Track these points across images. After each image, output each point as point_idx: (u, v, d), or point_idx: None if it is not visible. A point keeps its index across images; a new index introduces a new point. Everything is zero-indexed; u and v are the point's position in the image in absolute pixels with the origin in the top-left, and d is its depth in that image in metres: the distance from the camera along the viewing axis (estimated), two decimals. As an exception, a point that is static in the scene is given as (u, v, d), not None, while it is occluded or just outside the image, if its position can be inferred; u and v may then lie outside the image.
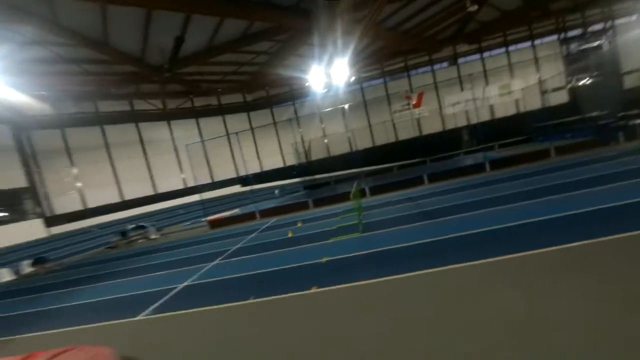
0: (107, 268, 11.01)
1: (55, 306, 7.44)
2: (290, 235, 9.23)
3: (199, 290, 6.22)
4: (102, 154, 23.86)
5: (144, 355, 3.81)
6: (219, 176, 28.40)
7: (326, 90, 21.94)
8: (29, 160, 21.02)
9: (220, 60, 20.35)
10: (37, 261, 13.54)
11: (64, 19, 13.60)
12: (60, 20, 13.62)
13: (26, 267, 13.17)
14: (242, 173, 28.76)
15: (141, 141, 25.58)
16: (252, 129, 28.64)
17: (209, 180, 27.55)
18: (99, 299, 7.25)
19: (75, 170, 22.76)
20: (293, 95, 28.88)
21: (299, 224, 10.82)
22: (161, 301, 5.87)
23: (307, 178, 17.13)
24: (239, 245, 9.59)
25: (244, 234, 11.41)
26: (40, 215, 20.67)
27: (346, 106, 25.89)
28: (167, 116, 26.25)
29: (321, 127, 29.04)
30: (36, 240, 19.28)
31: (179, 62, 18.97)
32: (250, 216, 15.42)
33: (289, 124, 27.78)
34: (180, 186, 26.78)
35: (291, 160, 29.34)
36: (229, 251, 9.06)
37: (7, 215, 19.72)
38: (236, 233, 12.24)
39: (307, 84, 21.41)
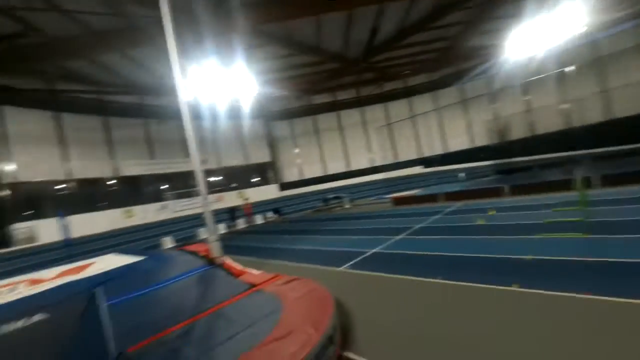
0: (316, 226, 14.45)
1: (285, 246, 10.80)
2: (480, 222, 8.80)
3: (386, 258, 7.14)
4: (313, 138, 30.05)
5: (345, 300, 4.88)
6: (402, 157, 29.43)
7: (534, 54, 17.81)
8: (271, 142, 29.70)
9: (409, 42, 20.61)
10: (276, 211, 19.55)
11: (293, 35, 17.96)
12: (291, 36, 18.08)
13: (269, 216, 19.29)
14: (425, 154, 28.52)
15: (340, 126, 30.13)
16: (437, 108, 27.60)
17: (392, 160, 29.20)
18: (311, 247, 9.86)
19: (296, 151, 30.10)
20: (487, 66, 25.19)
21: (492, 212, 10.02)
22: (356, 260, 7.31)
23: (501, 161, 15.00)
24: (422, 225, 10.10)
25: (428, 214, 11.76)
26: (276, 181, 29.07)
27: (567, 69, 20.04)
28: (360, 103, 29.51)
29: (523, 100, 23.97)
30: (274, 199, 27.33)
31: (373, 52, 20.76)
32: (433, 198, 15.50)
33: (481, 100, 24.58)
34: (367, 165, 29.93)
35: (481, 141, 26.22)
36: (413, 228, 9.72)
37: (259, 180, 29.01)
38: (419, 212, 12.76)
39: (505, 52, 18.10)
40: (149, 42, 14.51)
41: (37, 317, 4.08)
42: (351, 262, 7.10)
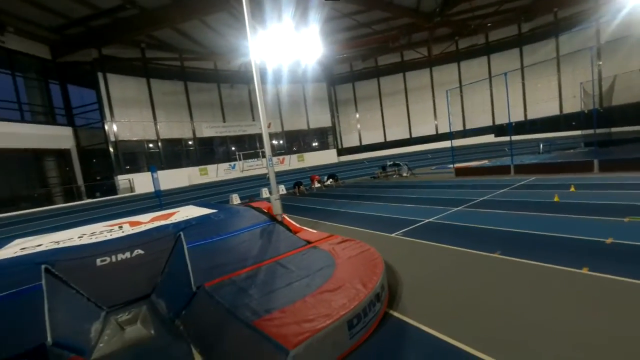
0: (371, 192, 14.45)
1: (341, 209, 11.09)
2: (556, 199, 7.88)
3: (441, 228, 6.95)
4: (375, 102, 28.91)
5: (395, 264, 5.10)
6: (473, 124, 26.75)
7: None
8: (332, 107, 29.41)
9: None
10: (331, 176, 19.94)
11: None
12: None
13: (327, 180, 19.77)
14: (499, 121, 25.47)
15: (405, 89, 28.30)
16: (522, 67, 23.88)
17: (460, 128, 26.82)
18: (365, 212, 9.98)
19: (357, 116, 29.48)
20: (595, 13, 20.35)
21: (572, 189, 8.86)
22: (409, 228, 7.24)
23: (595, 131, 12.61)
24: (486, 197, 9.43)
25: (494, 187, 10.89)
26: (336, 147, 29.23)
27: None
28: (430, 63, 27.04)
29: (641, 56, 19.18)
30: (332, 164, 27.73)
31: (451, 2, 18.46)
32: (501, 169, 14.16)
33: (579, 57, 20.33)
34: (432, 132, 28.05)
35: (572, 107, 22.21)
36: (475, 201, 9.15)
37: (318, 145, 29.49)
38: (484, 185, 11.87)
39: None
40: (224, 7, 15.13)
41: (137, 251, 5.11)
42: (404, 230, 7.09)
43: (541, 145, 20.56)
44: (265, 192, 17.90)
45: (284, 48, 14.71)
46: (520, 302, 3.49)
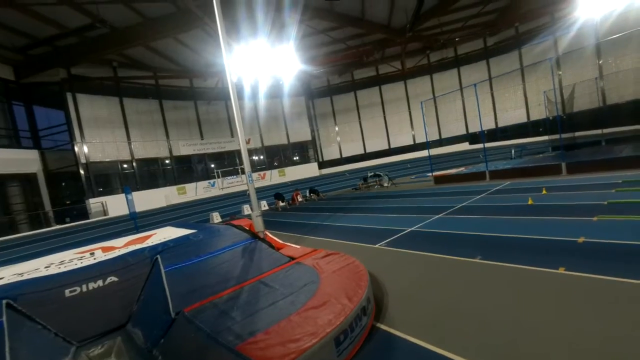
0: (353, 204, 14.52)
1: (323, 222, 11.05)
2: (530, 202, 8.22)
3: (423, 237, 7.03)
4: (353, 115, 29.48)
5: (379, 275, 5.09)
6: (447, 133, 27.80)
7: (612, 9, 15.31)
8: (312, 121, 29.67)
9: (462, 5, 18.79)
10: (312, 191, 19.92)
11: (336, 6, 17.35)
12: (334, 8, 17.50)
13: (307, 195, 19.72)
14: (473, 130, 26.59)
15: (382, 101, 29.08)
16: (490, 78, 25.24)
17: (436, 137, 27.75)
18: (348, 224, 9.99)
19: (336, 128, 29.88)
20: (553, 27, 22.03)
21: (544, 191, 9.28)
22: (392, 238, 7.29)
23: (561, 136, 13.48)
24: (465, 204, 9.69)
25: (471, 194, 11.22)
26: (317, 160, 29.35)
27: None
28: (404, 76, 28.01)
29: (596, 64, 20.84)
30: (313, 177, 27.75)
31: (420, 19, 19.35)
32: (478, 176, 14.68)
33: (541, 68, 21.84)
34: (409, 142, 28.81)
35: (538, 114, 23.66)
36: (454, 207, 9.37)
37: (299, 159, 29.53)
38: (462, 191, 12.22)
39: (577, 8, 15.70)
40: (198, 25, 15.15)
41: (110, 279, 4.81)
42: (388, 240, 7.12)
43: (513, 151, 21.57)
44: (246, 209, 17.59)
45: (261, 64, 14.87)
46: (504, 306, 3.54)
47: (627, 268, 3.84)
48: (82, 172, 17.98)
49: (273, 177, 26.31)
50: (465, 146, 26.81)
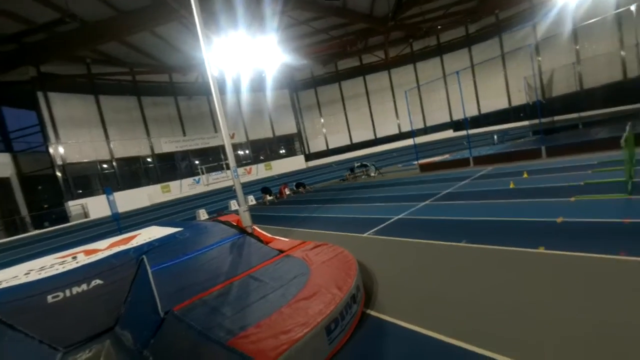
0: (341, 195, 14.58)
1: (312, 214, 11.07)
2: (512, 186, 8.45)
3: (410, 224, 7.16)
4: (338, 106, 29.37)
5: (368, 263, 5.14)
6: (432, 120, 28.14)
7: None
8: (297, 113, 29.45)
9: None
10: (299, 185, 19.86)
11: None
12: (315, -1, 17.27)
13: (294, 188, 19.66)
14: (456, 117, 27.00)
15: (366, 92, 29.05)
16: (472, 65, 25.57)
17: (421, 126, 28.04)
18: (337, 215, 10.05)
19: (322, 120, 29.75)
20: (533, 13, 22.41)
21: (525, 175, 9.55)
22: (380, 226, 7.37)
23: (540, 120, 13.88)
24: (449, 190, 9.88)
25: (455, 180, 11.45)
26: (303, 152, 29.23)
27: (633, 7, 17.44)
28: (388, 65, 28.03)
29: (573, 50, 21.39)
30: (300, 170, 27.67)
31: (403, 7, 19.29)
32: (462, 162, 14.96)
33: (520, 54, 22.26)
34: (395, 131, 29.02)
35: (519, 100, 24.24)
36: (439, 194, 9.54)
37: (285, 152, 29.33)
38: (447, 178, 12.44)
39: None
40: (174, 17, 14.62)
41: (95, 282, 4.69)
42: (375, 228, 7.20)
43: (495, 137, 22.05)
44: (234, 205, 17.41)
45: (242, 57, 14.53)
46: (489, 287, 3.65)
47: (603, 245, 4.00)
48: (59, 174, 17.32)
49: (259, 172, 26.07)
50: (449, 134, 27.22)
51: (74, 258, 5.71)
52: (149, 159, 21.65)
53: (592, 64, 20.40)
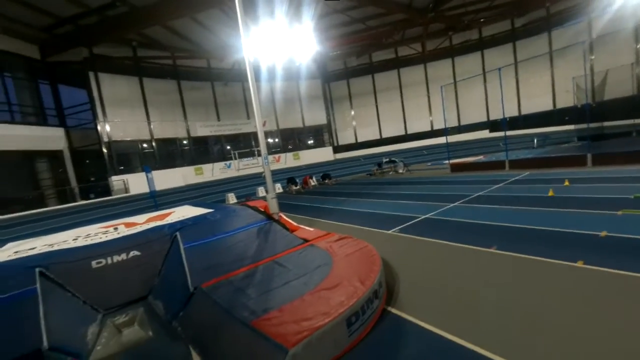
0: (368, 189, 14.47)
1: (337, 207, 11.10)
2: (551, 193, 7.96)
3: (437, 224, 6.98)
4: (370, 99, 28.80)
5: (392, 261, 5.11)
6: (467, 119, 26.89)
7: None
8: (327, 104, 29.32)
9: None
10: (325, 176, 19.91)
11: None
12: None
13: (320, 180, 19.74)
14: (494, 117, 25.58)
15: (400, 85, 28.24)
16: (516, 62, 23.98)
17: (455, 124, 26.90)
18: (362, 210, 9.99)
19: (352, 112, 29.40)
20: (586, 7, 20.42)
21: (567, 183, 8.96)
22: (406, 224, 7.26)
23: (588, 125, 12.80)
24: (481, 193, 9.49)
25: (489, 183, 10.96)
26: (332, 144, 29.19)
27: None
28: (424, 59, 27.08)
29: (633, 49, 19.38)
30: (327, 162, 27.67)
31: (444, -2, 18.45)
32: (496, 165, 14.27)
33: (571, 52, 20.35)
34: (427, 128, 28.10)
35: (565, 102, 22.42)
36: (471, 196, 9.20)
37: (314, 143, 29.42)
38: (479, 180, 11.95)
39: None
40: (215, 4, 14.98)
41: (133, 253, 5.06)
42: (401, 226, 7.11)
43: (535, 140, 20.75)
44: (261, 191, 17.85)
45: (278, 45, 14.62)
46: (518, 296, 3.51)
47: (650, 264, 3.70)
48: (104, 150, 18.61)
49: (288, 160, 26.42)
50: (485, 134, 25.91)
51: (116, 229, 6.17)
52: (185, 141, 22.64)
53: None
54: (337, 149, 29.25)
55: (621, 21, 18.82)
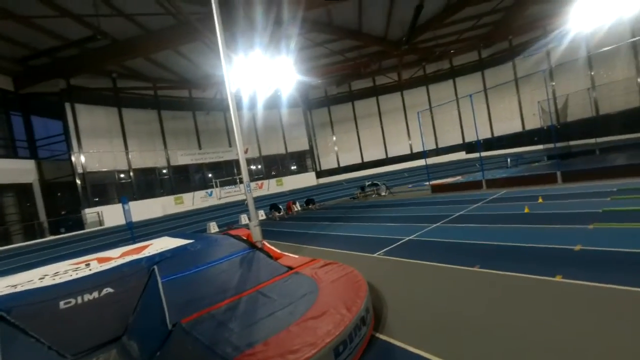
0: (351, 213, 14.51)
1: (321, 232, 11.02)
2: (526, 210, 8.27)
3: (422, 246, 7.04)
4: (351, 125, 29.69)
5: (378, 284, 5.05)
6: (444, 142, 28.09)
7: (602, 23, 15.79)
8: (309, 131, 29.87)
9: (457, 19, 19.30)
10: (309, 201, 19.88)
11: (334, 20, 17.77)
12: (332, 21, 17.91)
13: (304, 205, 19.69)
14: (469, 139, 26.86)
15: (379, 112, 29.36)
16: (485, 89, 25.66)
17: (433, 147, 27.96)
18: (346, 234, 9.96)
19: (334, 138, 30.06)
20: (545, 39, 22.55)
21: (540, 200, 9.36)
22: (391, 247, 7.28)
23: (555, 145, 13.69)
24: (462, 212, 9.72)
25: (468, 202, 11.27)
26: (314, 169, 29.44)
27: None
28: (401, 87, 28.47)
29: (588, 75, 21.33)
30: (310, 187, 27.71)
31: (416, 32, 19.72)
32: (474, 185, 14.77)
33: (534, 79, 22.22)
34: (407, 151, 28.99)
35: (533, 124, 24.02)
36: (452, 216, 9.40)
37: (296, 168, 29.59)
38: (459, 200, 12.27)
39: (568, 21, 16.17)
40: (197, 37, 15.37)
41: (106, 290, 4.74)
42: (386, 249, 7.11)
43: (509, 160, 21.76)
44: (244, 219, 17.51)
45: (259, 75, 15.03)
46: (504, 315, 3.53)
47: (624, 276, 3.85)
48: (78, 182, 17.89)
49: (271, 187, 26.28)
50: (461, 155, 27.02)
51: (87, 265, 5.81)
52: (164, 170, 22.17)
53: (608, 90, 20.21)
54: (320, 174, 29.48)
55: (575, 51, 20.74)
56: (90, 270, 5.32)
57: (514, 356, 2.79)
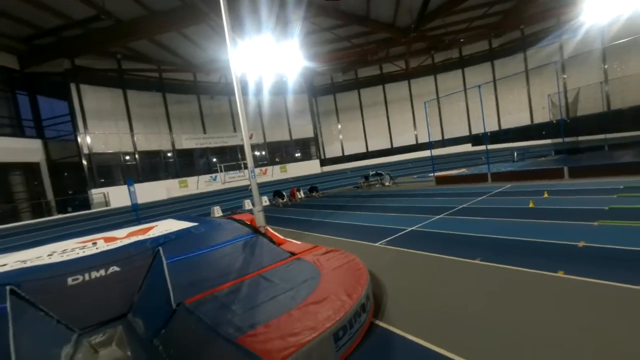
0: (354, 202, 14.53)
1: (324, 219, 11.07)
2: (531, 205, 8.22)
3: (424, 237, 7.05)
4: (356, 113, 29.40)
5: (379, 273, 5.10)
6: (451, 133, 27.77)
7: (618, 14, 15.26)
8: (314, 118, 29.67)
9: (467, 6, 18.69)
10: (312, 189, 19.92)
11: (341, 4, 17.32)
12: (339, 6, 17.47)
13: (307, 192, 19.73)
14: (476, 131, 26.52)
15: (385, 101, 29.00)
16: (494, 79, 25.15)
17: (439, 138, 27.66)
18: (349, 222, 10.00)
19: (339, 126, 29.85)
20: (559, 30, 21.86)
21: (546, 195, 9.28)
22: (393, 237, 7.31)
23: (563, 139, 13.48)
24: (466, 205, 9.69)
25: (472, 195, 11.22)
26: (318, 157, 29.37)
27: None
28: (408, 75, 27.98)
29: (601, 69, 20.77)
30: (314, 174, 27.72)
31: (425, 19, 19.21)
32: (479, 177, 14.66)
33: (545, 71, 21.61)
34: (412, 142, 28.76)
35: (542, 117, 23.61)
36: (455, 208, 9.38)
37: (301, 155, 29.53)
38: (463, 192, 12.22)
39: (583, 12, 15.61)
40: (203, 19, 15.10)
41: (112, 268, 4.85)
42: (388, 239, 7.14)
43: (515, 154, 21.51)
44: (248, 204, 17.63)
45: (265, 60, 14.81)
46: (503, 308, 3.56)
47: (627, 274, 3.84)
48: (84, 162, 18.05)
49: (275, 173, 26.34)
50: (467, 147, 26.74)
51: (94, 244, 5.93)
52: (169, 154, 22.27)
53: (621, 85, 19.70)
54: (324, 162, 29.42)
55: (590, 43, 20.13)
56: (97, 248, 5.44)
57: (511, 348, 2.83)
